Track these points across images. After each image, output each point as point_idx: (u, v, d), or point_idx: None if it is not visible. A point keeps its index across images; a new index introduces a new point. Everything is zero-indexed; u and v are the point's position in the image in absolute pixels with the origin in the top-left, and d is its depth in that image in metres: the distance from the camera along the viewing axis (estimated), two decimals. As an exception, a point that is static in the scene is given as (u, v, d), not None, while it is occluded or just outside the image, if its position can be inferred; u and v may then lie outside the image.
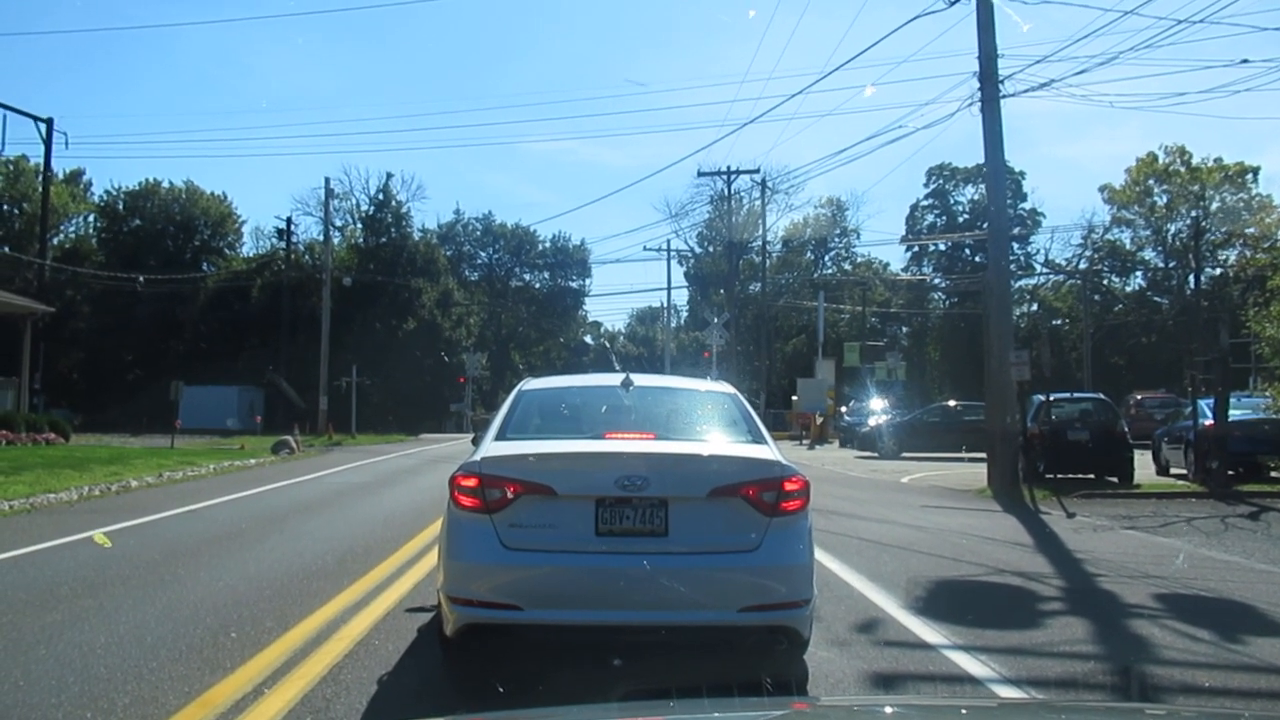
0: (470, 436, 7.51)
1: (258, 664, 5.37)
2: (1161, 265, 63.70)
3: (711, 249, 68.41)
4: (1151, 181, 62.72)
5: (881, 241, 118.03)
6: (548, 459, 5.19)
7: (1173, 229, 62.34)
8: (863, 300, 64.96)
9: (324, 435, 39.59)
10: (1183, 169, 61.75)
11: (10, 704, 4.63)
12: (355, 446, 34.36)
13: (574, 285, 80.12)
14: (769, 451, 5.45)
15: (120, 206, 66.52)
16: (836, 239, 75.37)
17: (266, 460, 24.55)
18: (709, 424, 6.04)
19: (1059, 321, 64.06)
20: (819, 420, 39.86)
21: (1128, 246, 65.02)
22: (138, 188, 66.55)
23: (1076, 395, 23.43)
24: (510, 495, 4.96)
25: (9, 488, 13.86)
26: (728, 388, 6.76)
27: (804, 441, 38.33)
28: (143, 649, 5.65)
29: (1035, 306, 66.26)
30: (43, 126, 36.58)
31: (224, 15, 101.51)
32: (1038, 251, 69.41)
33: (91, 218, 68.96)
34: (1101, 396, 22.23)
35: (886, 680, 5.31)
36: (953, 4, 16.87)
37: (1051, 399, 18.95)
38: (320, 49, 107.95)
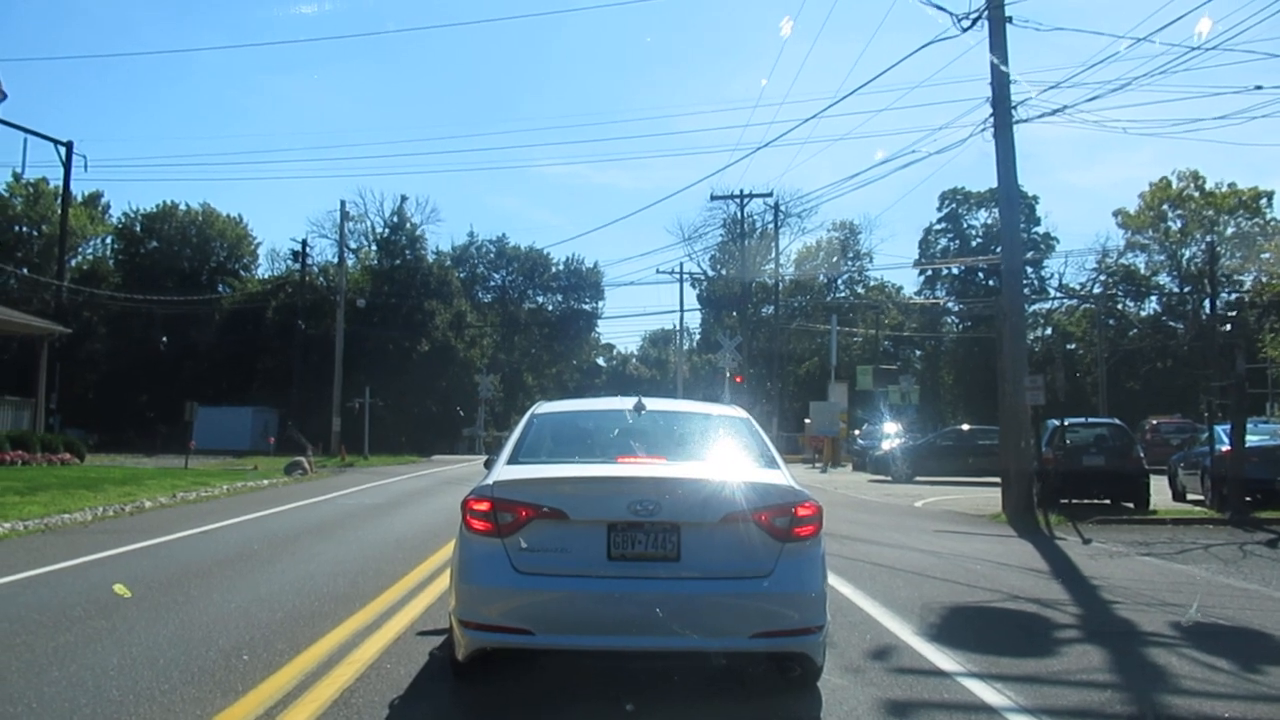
0: (484, 459, 7.51)
1: (270, 687, 5.37)
2: (1176, 290, 63.51)
3: (724, 272, 68.53)
4: (1165, 206, 62.68)
5: (894, 265, 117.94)
6: (560, 483, 5.19)
7: (1187, 254, 62.21)
8: (876, 324, 64.90)
9: (337, 456, 39.68)
10: (1196, 194, 61.68)
11: (23, 726, 4.63)
12: (368, 468, 34.40)
13: (587, 308, 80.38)
14: (781, 476, 5.44)
15: (137, 228, 67.21)
16: (849, 262, 75.41)
17: (279, 481, 24.60)
18: (721, 448, 6.03)
19: (1073, 346, 63.80)
20: (831, 443, 39.74)
21: (1142, 271, 64.91)
22: (155, 210, 67.31)
23: (1091, 420, 23.30)
24: (522, 519, 4.96)
25: (24, 508, 13.93)
26: (740, 412, 6.76)
27: (817, 465, 38.21)
28: (155, 671, 5.64)
29: (1049, 331, 66.05)
30: (62, 149, 36.91)
31: (240, 40, 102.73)
32: (1051, 276, 69.41)
33: (109, 239, 69.71)
34: (1117, 422, 22.10)
35: (901, 708, 5.26)
36: (966, 30, 16.92)
37: (1066, 424, 18.83)
38: (336, 73, 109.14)
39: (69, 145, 36.95)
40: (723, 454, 5.93)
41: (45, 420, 28.52)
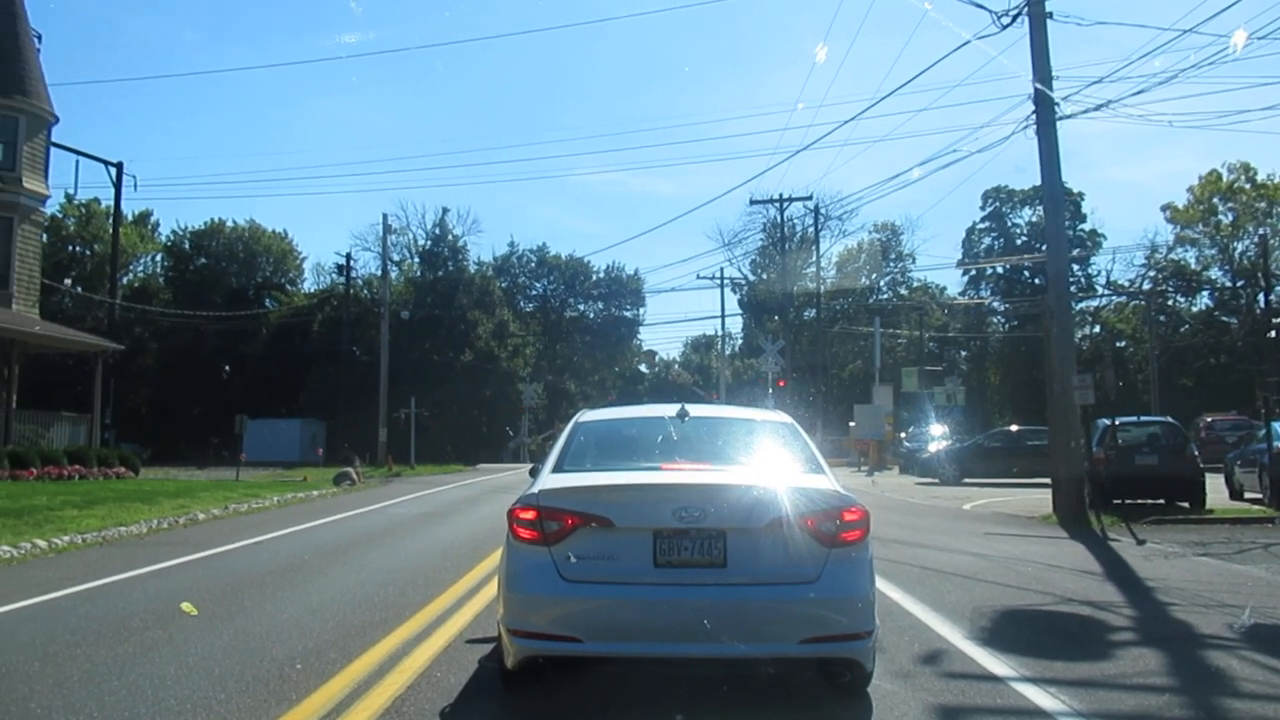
0: (528, 467, 7.56)
1: (322, 696, 5.44)
2: (1229, 284, 62.17)
3: (765, 276, 68.28)
4: (1216, 199, 61.43)
5: (938, 266, 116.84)
6: (605, 491, 5.20)
7: (1239, 247, 60.90)
8: (920, 325, 64.24)
9: (383, 466, 40.12)
10: (1248, 186, 60.36)
11: (85, 735, 4.73)
12: (414, 477, 34.73)
13: (628, 314, 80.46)
14: (827, 481, 5.41)
15: (186, 246, 68.47)
16: (892, 263, 74.80)
17: (328, 492, 24.92)
18: (766, 453, 6.02)
19: (1123, 343, 62.73)
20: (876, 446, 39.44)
21: (1193, 266, 63.62)
22: (203, 227, 68.55)
23: (1144, 419, 22.88)
24: (568, 527, 4.98)
25: (82, 521, 14.25)
26: (784, 416, 6.73)
27: (862, 468, 37.92)
28: (211, 681, 5.74)
29: (1098, 328, 64.99)
30: (113, 170, 37.83)
31: (283, 58, 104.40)
32: (1099, 273, 68.31)
33: (159, 257, 71.09)
34: (1170, 420, 21.69)
35: (953, 714, 5.21)
36: (1005, 28, 16.74)
37: (1117, 423, 18.52)
38: (377, 88, 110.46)
39: (119, 166, 37.85)
40: (767, 459, 5.91)
41: (100, 435, 29.16)
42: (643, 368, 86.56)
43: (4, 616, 7.83)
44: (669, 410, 6.33)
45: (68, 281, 57.24)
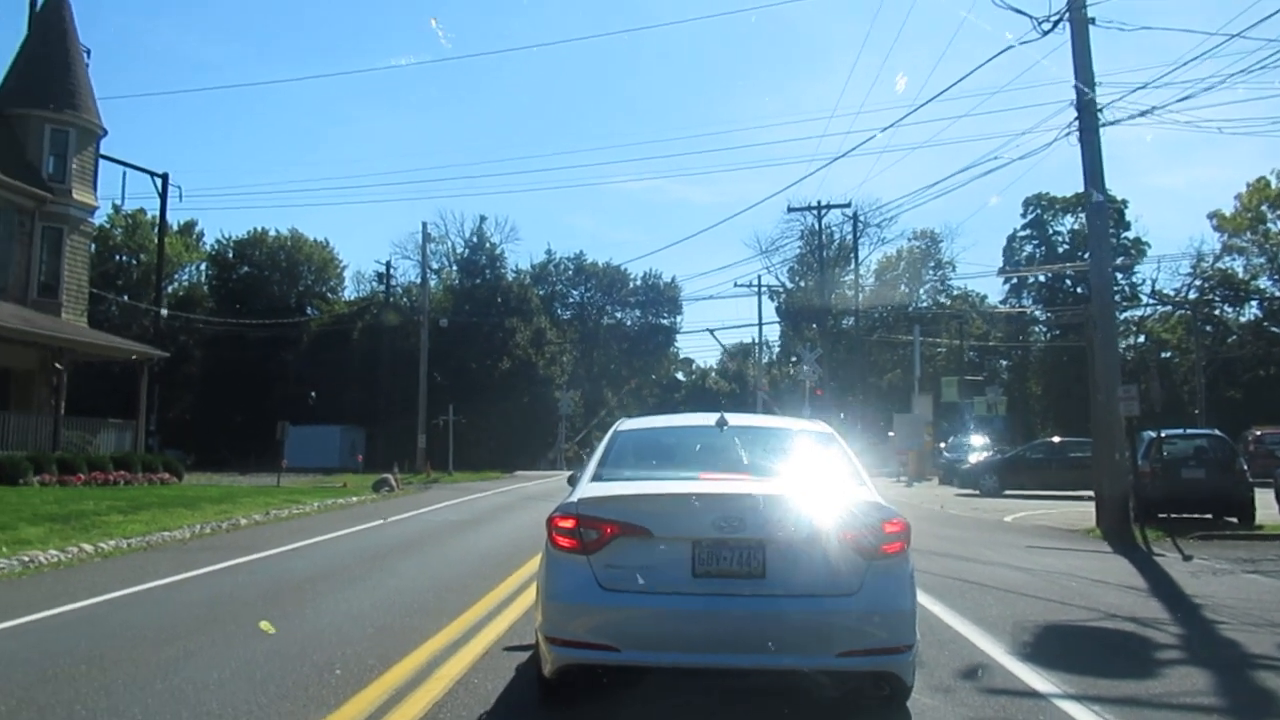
0: (566, 475, 7.57)
1: (361, 701, 5.47)
2: (1278, 294, 60.92)
3: (803, 284, 68.01)
4: (1264, 207, 60.27)
5: (978, 274, 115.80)
6: (644, 500, 5.19)
7: (1289, 256, 59.68)
8: (960, 334, 63.62)
9: (422, 473, 40.38)
10: (1298, 193, 59.18)
11: (130, 737, 4.80)
12: (452, 484, 34.93)
13: (665, 322, 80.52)
14: (867, 492, 5.37)
15: (230, 255, 69.45)
16: (932, 271, 74.18)
17: (368, 498, 25.12)
18: (805, 464, 5.99)
19: (1168, 354, 61.63)
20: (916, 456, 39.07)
21: (1240, 275, 62.40)
22: (245, 236, 69.48)
23: (1190, 431, 22.48)
24: (607, 536, 4.98)
25: (128, 526, 14.48)
26: (824, 426, 6.69)
27: (901, 479, 37.59)
28: (252, 685, 5.80)
29: (1143, 338, 63.93)
30: (158, 181, 38.53)
31: (324, 70, 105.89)
32: (1143, 282, 67.18)
33: (203, 266, 72.22)
34: (1217, 432, 21.27)
35: (994, 730, 5.13)
36: (1046, 34, 16.55)
37: (1163, 435, 18.20)
38: (416, 98, 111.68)
39: (165, 177, 38.55)
40: (807, 470, 5.88)
41: (145, 441, 29.62)
42: (680, 375, 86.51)
43: (51, 620, 7.98)
44: (708, 419, 6.31)
45: (114, 291, 58.30)
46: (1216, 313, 62.34)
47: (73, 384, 28.75)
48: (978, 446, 37.89)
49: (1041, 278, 68.55)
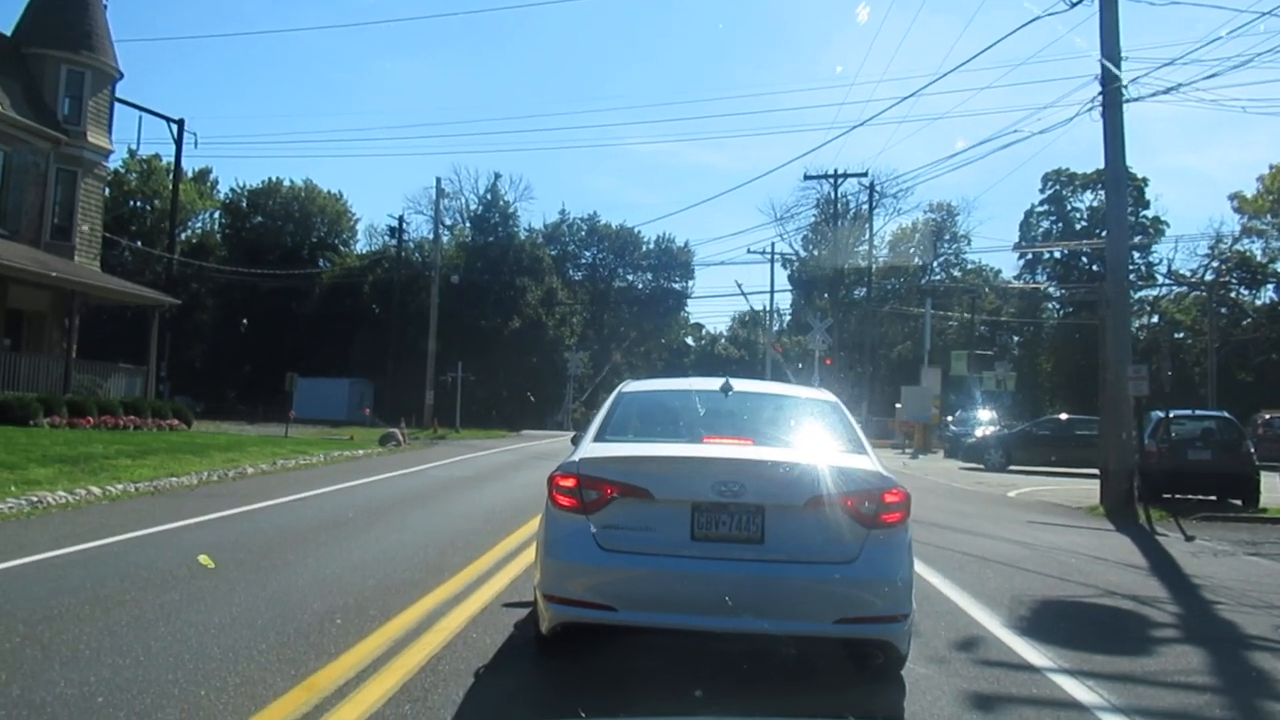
0: (570, 435, 7.58)
1: (360, 651, 5.53)
2: (1296, 278, 60.37)
3: (816, 252, 67.67)
4: (1286, 190, 59.50)
5: (993, 248, 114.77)
6: (645, 462, 5.20)
7: (1310, 240, 59.04)
8: (972, 308, 63.30)
9: (429, 429, 40.60)
10: (1321, 176, 58.40)
11: (132, 678, 4.86)
12: (458, 441, 35.11)
13: (676, 287, 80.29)
14: (869, 462, 5.37)
15: (243, 204, 69.44)
16: (946, 244, 73.68)
17: (374, 451, 25.28)
18: (808, 431, 5.98)
19: (1181, 335, 61.23)
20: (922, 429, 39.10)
21: (1259, 258, 61.79)
22: (260, 186, 69.44)
23: (1199, 413, 22.40)
24: (607, 496, 4.99)
25: (136, 471, 14.60)
26: (828, 395, 6.68)
27: (907, 450, 37.62)
28: (253, 631, 5.87)
29: (1156, 318, 63.56)
30: (174, 127, 38.37)
31: (341, 20, 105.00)
32: (1160, 261, 66.66)
33: (216, 214, 72.19)
34: (1226, 414, 21.20)
35: (987, 702, 5.16)
36: (1073, 6, 16.33)
37: (1171, 416, 18.14)
38: (435, 53, 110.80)
39: (180, 123, 38.38)
40: (810, 437, 5.87)
41: (155, 387, 29.77)
42: (689, 340, 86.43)
43: (57, 560, 8.06)
44: (713, 384, 6.31)
45: (127, 236, 58.35)
46: (1232, 295, 61.85)
47: (84, 328, 28.91)
48: (984, 421, 37.87)
49: (1057, 254, 68.08)
